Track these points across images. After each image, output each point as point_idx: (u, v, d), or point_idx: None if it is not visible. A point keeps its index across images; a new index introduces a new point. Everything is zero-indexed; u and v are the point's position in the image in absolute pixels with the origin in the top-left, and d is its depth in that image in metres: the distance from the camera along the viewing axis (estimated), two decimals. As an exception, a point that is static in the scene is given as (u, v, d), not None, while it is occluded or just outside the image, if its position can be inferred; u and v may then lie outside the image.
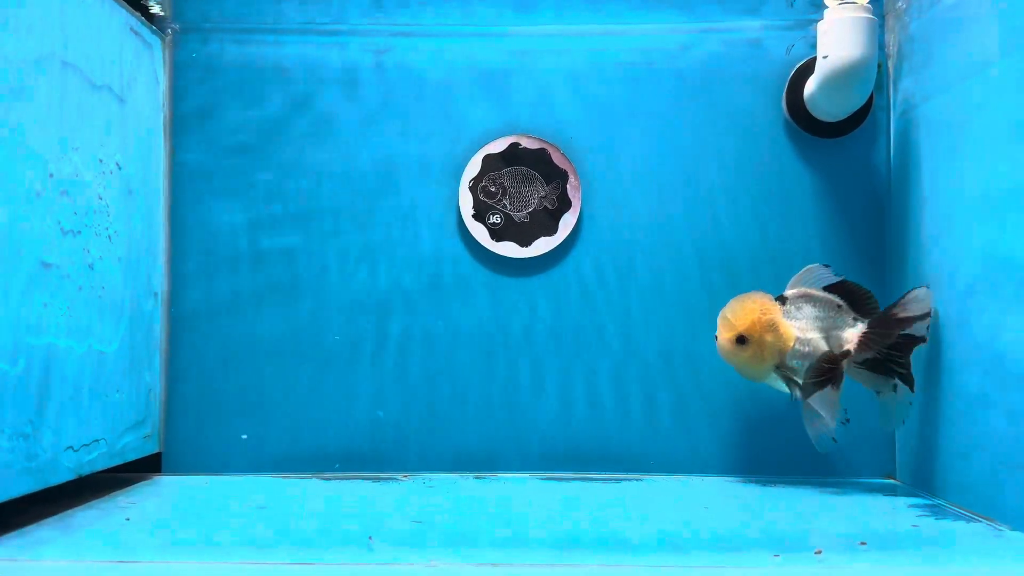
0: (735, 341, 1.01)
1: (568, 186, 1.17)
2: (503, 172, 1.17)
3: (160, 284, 1.16)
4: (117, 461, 1.04)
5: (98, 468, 0.99)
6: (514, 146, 1.17)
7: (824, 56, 1.07)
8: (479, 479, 1.13)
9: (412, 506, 0.96)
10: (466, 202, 1.17)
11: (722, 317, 1.03)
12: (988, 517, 0.91)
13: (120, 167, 1.04)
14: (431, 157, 1.17)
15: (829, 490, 1.07)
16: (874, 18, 1.06)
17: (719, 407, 1.16)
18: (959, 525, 0.90)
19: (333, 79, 1.18)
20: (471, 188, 1.17)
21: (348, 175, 1.17)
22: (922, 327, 1.00)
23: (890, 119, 1.17)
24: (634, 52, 1.18)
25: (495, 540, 0.83)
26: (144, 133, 1.11)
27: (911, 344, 1.00)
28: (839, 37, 1.05)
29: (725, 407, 1.16)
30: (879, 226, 1.16)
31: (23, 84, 0.84)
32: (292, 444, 1.16)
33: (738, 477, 1.15)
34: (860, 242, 1.16)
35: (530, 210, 1.17)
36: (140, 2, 1.12)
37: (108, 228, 1.01)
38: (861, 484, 1.11)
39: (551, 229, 1.17)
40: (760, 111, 1.17)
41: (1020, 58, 0.87)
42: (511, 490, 1.06)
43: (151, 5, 1.15)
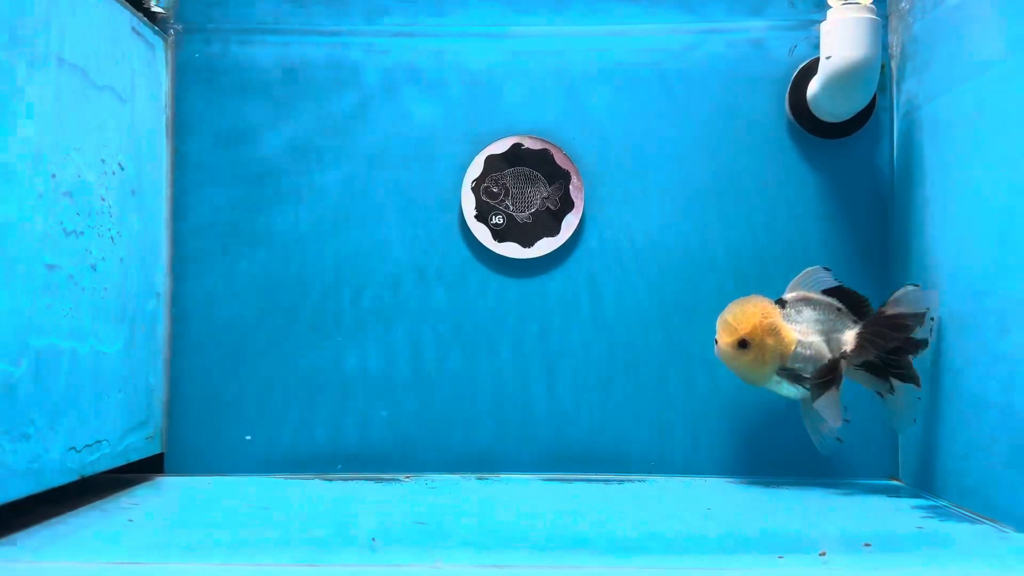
0: (736, 345, 1.01)
1: (571, 187, 1.17)
2: (505, 173, 1.17)
3: (162, 284, 1.15)
4: (119, 462, 1.04)
5: (100, 469, 0.99)
6: (516, 147, 1.17)
7: (827, 57, 1.07)
8: (481, 480, 1.13)
9: (415, 507, 0.96)
10: (468, 203, 1.16)
11: (722, 321, 1.02)
12: (992, 518, 0.91)
13: (122, 168, 1.04)
14: (432, 157, 1.17)
15: (832, 491, 1.07)
16: (877, 19, 1.06)
17: (723, 408, 1.16)
18: (963, 527, 0.89)
19: (334, 79, 1.18)
20: (473, 189, 1.17)
21: (350, 176, 1.17)
22: (921, 329, 0.99)
23: (893, 120, 1.16)
24: (638, 53, 1.18)
25: (498, 541, 0.83)
26: (146, 133, 1.11)
27: (911, 348, 1.00)
28: (842, 38, 1.05)
29: (728, 408, 1.16)
30: (882, 227, 1.16)
31: (25, 84, 0.83)
32: (295, 445, 1.16)
33: (741, 478, 1.14)
34: (863, 243, 1.16)
35: (533, 211, 1.17)
36: (143, 3, 1.12)
37: (111, 229, 1.01)
38: (864, 485, 1.11)
39: (554, 230, 1.16)
40: (763, 112, 1.17)
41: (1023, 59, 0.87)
42: (514, 491, 1.06)
43: (153, 6, 1.14)
